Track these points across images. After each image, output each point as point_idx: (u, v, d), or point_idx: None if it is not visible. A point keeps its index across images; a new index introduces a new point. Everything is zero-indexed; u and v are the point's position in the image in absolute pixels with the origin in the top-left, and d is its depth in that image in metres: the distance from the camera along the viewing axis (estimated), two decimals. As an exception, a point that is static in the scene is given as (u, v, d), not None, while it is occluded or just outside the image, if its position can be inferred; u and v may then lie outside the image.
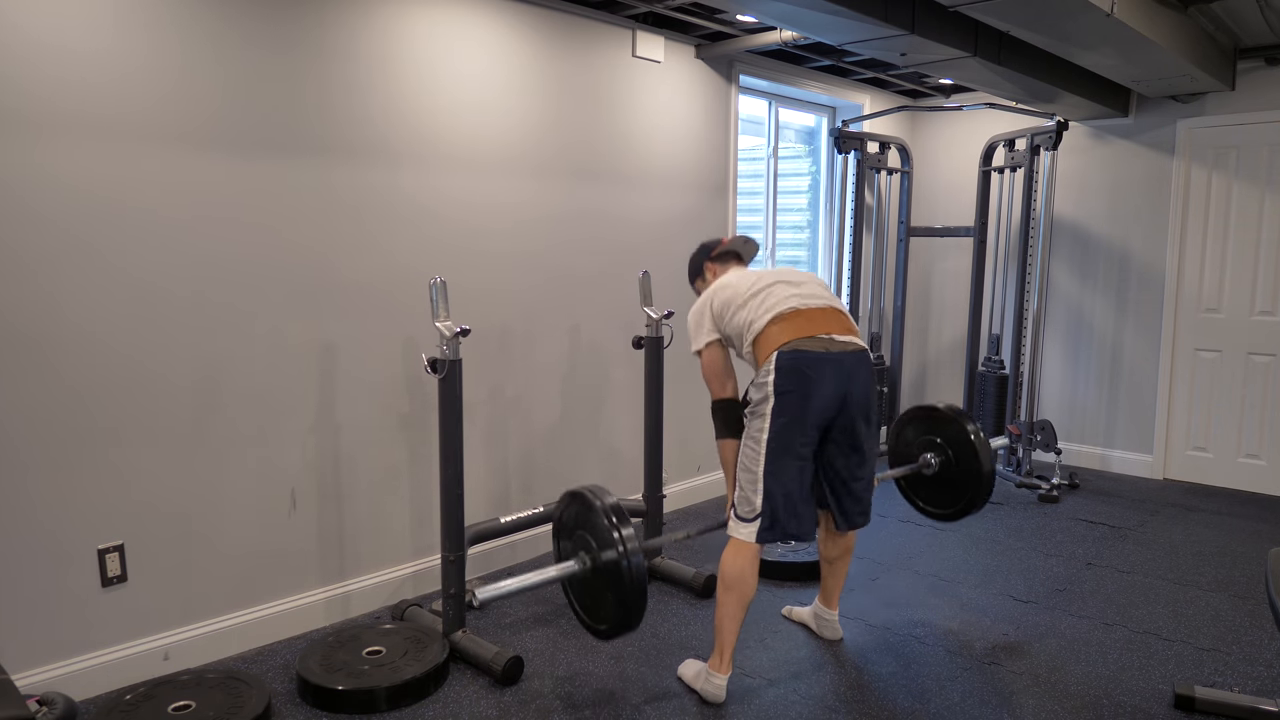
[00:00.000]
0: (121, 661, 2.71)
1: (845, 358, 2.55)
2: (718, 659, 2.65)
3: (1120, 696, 2.71)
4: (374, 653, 2.80)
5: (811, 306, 2.60)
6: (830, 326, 2.58)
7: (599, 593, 2.45)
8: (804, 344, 2.52)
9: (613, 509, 2.40)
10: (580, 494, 2.48)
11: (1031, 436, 5.01)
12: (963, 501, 3.28)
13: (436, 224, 3.39)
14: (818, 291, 2.69)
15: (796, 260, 5.64)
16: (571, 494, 2.52)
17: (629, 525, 2.38)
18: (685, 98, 4.39)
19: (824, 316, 2.59)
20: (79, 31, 2.48)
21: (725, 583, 2.61)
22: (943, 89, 5.74)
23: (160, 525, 2.78)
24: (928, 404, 3.37)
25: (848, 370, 2.55)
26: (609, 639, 2.56)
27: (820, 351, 2.52)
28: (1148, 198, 5.16)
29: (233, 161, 2.83)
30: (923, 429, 3.37)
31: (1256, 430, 4.92)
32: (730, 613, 2.61)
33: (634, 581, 2.33)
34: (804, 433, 2.53)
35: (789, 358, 2.50)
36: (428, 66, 3.30)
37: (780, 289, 2.65)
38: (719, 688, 2.65)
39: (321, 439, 3.14)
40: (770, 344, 2.55)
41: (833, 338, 2.56)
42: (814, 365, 2.50)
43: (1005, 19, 3.34)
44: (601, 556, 2.39)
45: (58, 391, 2.54)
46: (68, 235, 2.52)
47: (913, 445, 3.39)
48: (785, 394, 2.50)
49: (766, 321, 2.58)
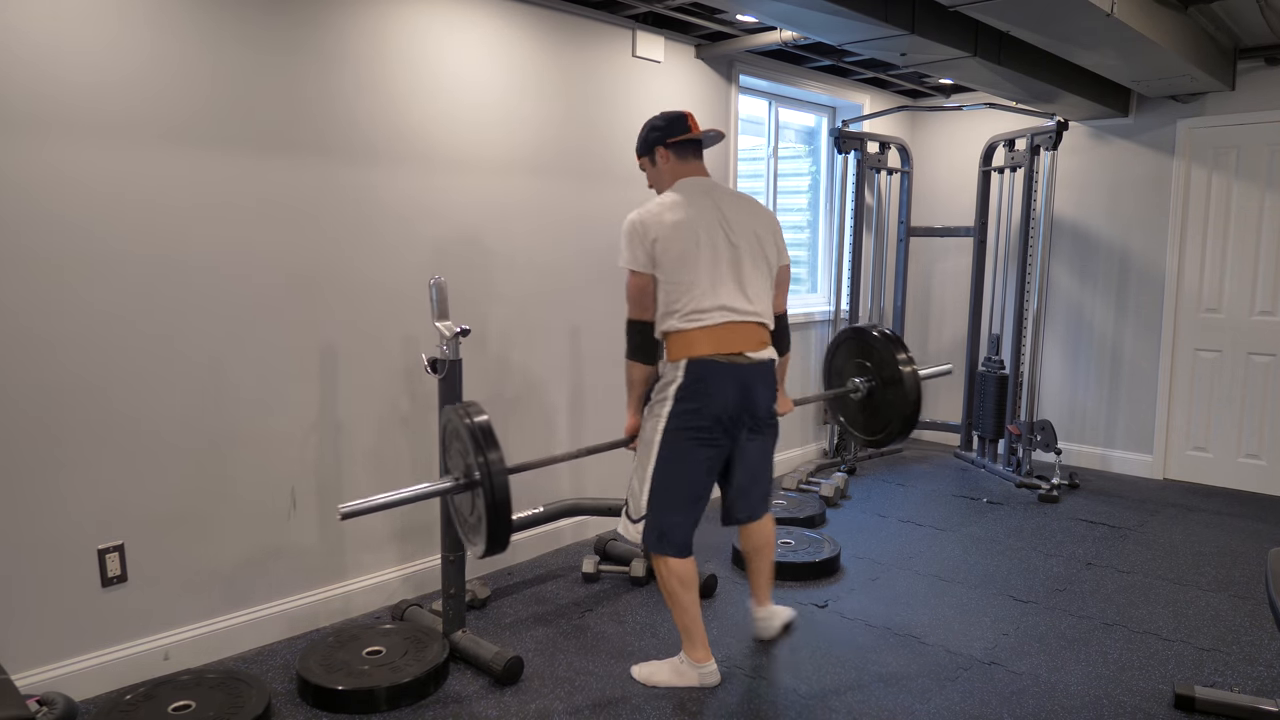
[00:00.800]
0: (121, 661, 2.71)
1: (750, 369, 2.60)
2: (700, 650, 2.70)
3: (1120, 696, 2.71)
4: (374, 653, 2.80)
5: (740, 322, 2.58)
6: (749, 344, 2.60)
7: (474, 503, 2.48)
8: (718, 357, 2.55)
9: (480, 429, 2.38)
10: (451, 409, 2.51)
11: (1031, 436, 5.01)
12: (888, 428, 3.32)
13: (437, 224, 3.39)
14: (755, 288, 2.63)
15: (796, 261, 5.64)
16: (453, 408, 2.52)
17: (496, 449, 2.36)
18: (685, 98, 4.39)
19: (743, 333, 2.60)
20: (84, 35, 2.48)
21: (683, 581, 2.66)
22: (943, 89, 5.74)
23: (160, 525, 2.78)
24: (859, 326, 3.38)
25: (751, 382, 2.61)
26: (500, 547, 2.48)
27: (728, 364, 2.56)
28: (1148, 198, 5.16)
29: (233, 161, 2.83)
30: (854, 352, 3.39)
31: (1256, 430, 4.92)
32: (690, 604, 2.67)
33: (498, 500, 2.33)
34: (696, 440, 2.58)
35: (699, 367, 2.54)
36: (428, 67, 3.30)
37: (720, 293, 2.56)
38: (713, 671, 2.71)
39: (322, 439, 3.15)
40: (686, 349, 2.56)
41: (745, 354, 2.59)
42: (720, 377, 2.56)
43: (1005, 19, 3.34)
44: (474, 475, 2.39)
45: (58, 390, 2.54)
46: (70, 234, 2.52)
47: (844, 369, 3.43)
48: (685, 402, 2.55)
49: (694, 327, 2.55)
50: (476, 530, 2.48)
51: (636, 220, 2.57)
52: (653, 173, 2.74)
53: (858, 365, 3.36)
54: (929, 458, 5.74)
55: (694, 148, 2.71)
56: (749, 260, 2.62)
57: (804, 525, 4.22)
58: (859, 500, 4.78)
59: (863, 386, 3.32)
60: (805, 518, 4.26)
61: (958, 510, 4.61)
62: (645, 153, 2.74)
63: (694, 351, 2.54)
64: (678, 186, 2.65)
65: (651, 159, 2.72)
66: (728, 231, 2.59)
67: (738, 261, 2.59)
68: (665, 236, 2.53)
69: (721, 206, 2.62)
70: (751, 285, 2.62)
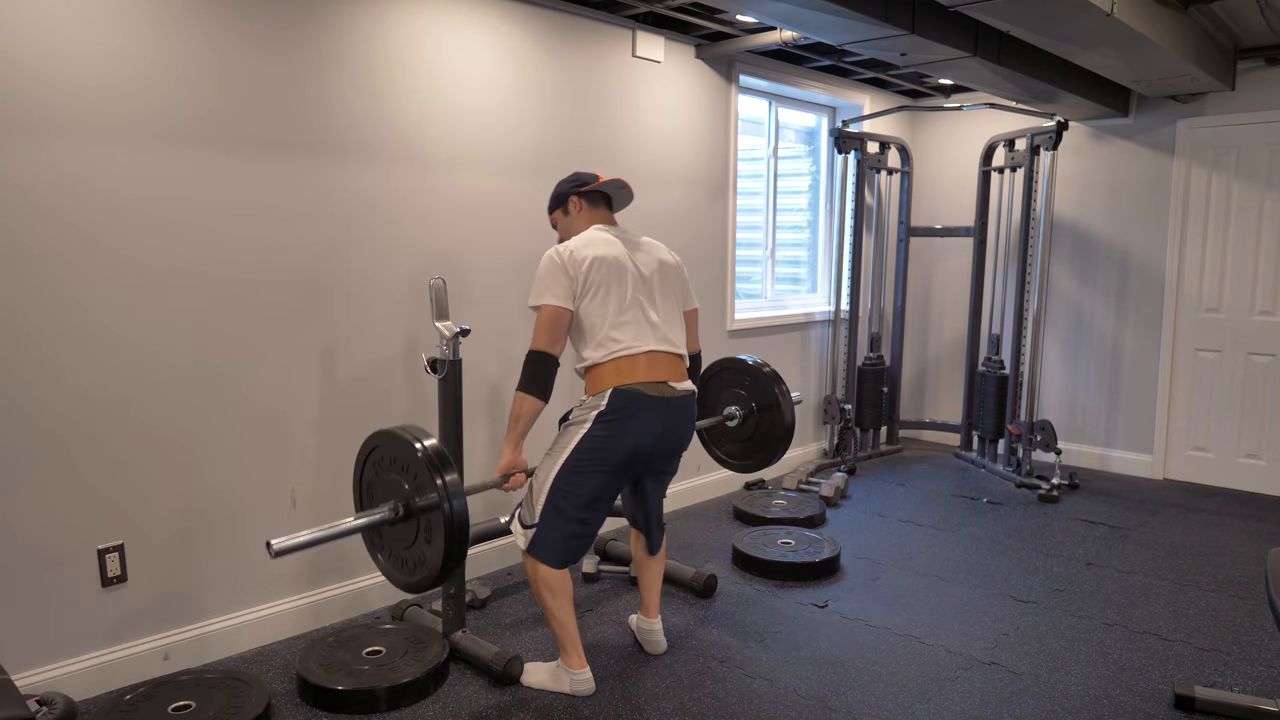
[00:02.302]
0: (121, 661, 2.71)
1: (672, 403, 2.63)
2: (574, 657, 2.69)
3: (1120, 696, 2.71)
4: (374, 653, 2.80)
5: (660, 352, 2.63)
6: (670, 374, 2.65)
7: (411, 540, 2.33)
8: (644, 387, 2.58)
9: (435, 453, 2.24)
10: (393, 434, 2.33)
11: (1031, 436, 5.01)
12: (760, 455, 3.37)
13: (437, 224, 3.39)
14: (671, 327, 2.69)
15: (796, 261, 5.65)
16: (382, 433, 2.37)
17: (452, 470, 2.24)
18: (685, 98, 4.39)
19: (667, 364, 2.64)
20: (88, 38, 2.48)
21: (550, 589, 2.64)
22: (943, 89, 5.74)
23: (160, 525, 2.78)
24: (735, 357, 3.41)
25: (673, 414, 2.64)
26: (418, 590, 2.37)
27: (654, 396, 2.59)
28: (1148, 198, 5.16)
29: (234, 162, 2.83)
30: (729, 381, 3.42)
31: (1256, 430, 4.92)
32: (565, 613, 2.67)
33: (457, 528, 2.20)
34: (605, 467, 2.57)
35: (624, 396, 2.55)
36: (427, 67, 3.30)
37: (642, 330, 2.61)
38: (588, 679, 2.70)
39: (322, 438, 3.15)
40: (610, 378, 2.57)
41: (669, 384, 2.63)
42: (644, 407, 2.57)
43: (1005, 19, 3.34)
44: (418, 501, 2.26)
45: (58, 390, 2.54)
46: (69, 235, 2.52)
47: (718, 399, 3.46)
48: (603, 427, 2.55)
49: (616, 357, 2.57)
50: (417, 564, 2.34)
51: (556, 254, 2.60)
52: (564, 223, 2.81)
53: (733, 394, 3.41)
54: (929, 458, 5.74)
55: (603, 199, 2.80)
56: (661, 297, 2.69)
57: (804, 525, 4.22)
58: (859, 500, 4.78)
59: (738, 413, 3.38)
60: (805, 518, 4.26)
61: (958, 510, 4.61)
62: (558, 205, 2.81)
63: (620, 380, 2.56)
64: (590, 231, 2.70)
65: (565, 209, 2.80)
66: (640, 269, 2.66)
67: (652, 298, 2.67)
68: (587, 269, 2.57)
69: (630, 250, 2.69)
70: (667, 320, 2.69)
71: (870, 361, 5.57)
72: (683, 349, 2.74)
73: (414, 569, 2.34)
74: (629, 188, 2.81)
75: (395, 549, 2.41)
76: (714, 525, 4.33)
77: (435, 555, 2.25)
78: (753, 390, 3.33)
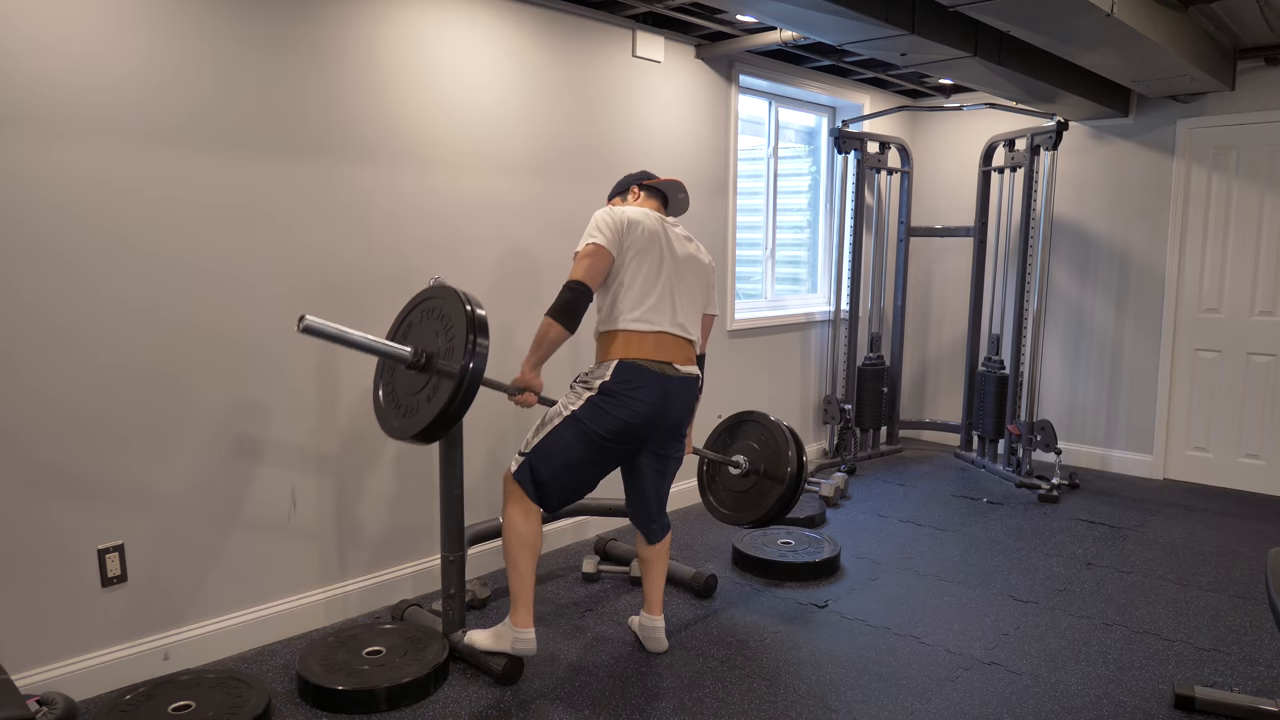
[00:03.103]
0: (121, 661, 2.71)
1: (674, 380, 2.74)
2: (523, 614, 2.71)
3: (1120, 696, 2.71)
4: (374, 653, 2.80)
5: (671, 335, 2.75)
6: (676, 357, 2.76)
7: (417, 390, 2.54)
8: (649, 363, 2.70)
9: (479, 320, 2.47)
10: (456, 294, 2.55)
11: (1031, 436, 5.01)
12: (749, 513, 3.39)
13: (436, 224, 3.39)
14: (689, 315, 2.82)
15: (796, 261, 5.65)
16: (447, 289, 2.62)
17: (486, 339, 2.47)
18: (685, 98, 4.39)
19: (676, 347, 2.77)
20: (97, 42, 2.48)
21: (519, 538, 2.70)
22: (943, 89, 5.74)
23: (160, 525, 2.78)
24: (770, 418, 3.42)
25: (672, 393, 2.75)
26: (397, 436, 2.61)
27: (656, 371, 2.70)
28: (1148, 198, 5.16)
29: (235, 162, 2.83)
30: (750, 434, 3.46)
31: (1256, 430, 4.92)
32: (527, 568, 2.72)
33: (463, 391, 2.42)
34: (596, 437, 2.67)
35: (628, 370, 2.68)
36: (427, 67, 3.30)
37: (663, 307, 2.74)
38: (529, 639, 2.71)
39: (322, 439, 3.15)
40: (619, 349, 2.70)
41: (674, 365, 2.75)
42: (646, 381, 2.69)
43: (1005, 19, 3.34)
44: (440, 362, 2.47)
45: (58, 390, 2.54)
46: (71, 234, 2.52)
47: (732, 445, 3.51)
48: (605, 398, 2.66)
49: (632, 330, 2.70)
50: (409, 412, 2.53)
51: (610, 211, 2.75)
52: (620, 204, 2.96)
53: (746, 446, 3.45)
54: (929, 458, 5.74)
55: (659, 195, 3.01)
56: (688, 291, 2.83)
57: (804, 525, 4.22)
58: (859, 500, 4.78)
59: (745, 465, 3.41)
60: (805, 518, 4.26)
61: (958, 510, 4.61)
62: (619, 193, 3.03)
63: (627, 354, 2.68)
64: (640, 208, 2.85)
65: (624, 197, 3.01)
66: (675, 254, 2.81)
67: (681, 287, 2.81)
68: (628, 227, 2.73)
69: (670, 236, 2.83)
70: (687, 311, 2.82)
71: (870, 361, 5.58)
72: (695, 337, 2.85)
73: (404, 415, 2.54)
74: (686, 193, 3.03)
75: (399, 390, 2.59)
76: (714, 525, 4.33)
77: (430, 411, 2.44)
78: (767, 454, 3.36)
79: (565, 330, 2.63)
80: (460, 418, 2.48)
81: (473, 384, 2.44)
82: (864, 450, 5.64)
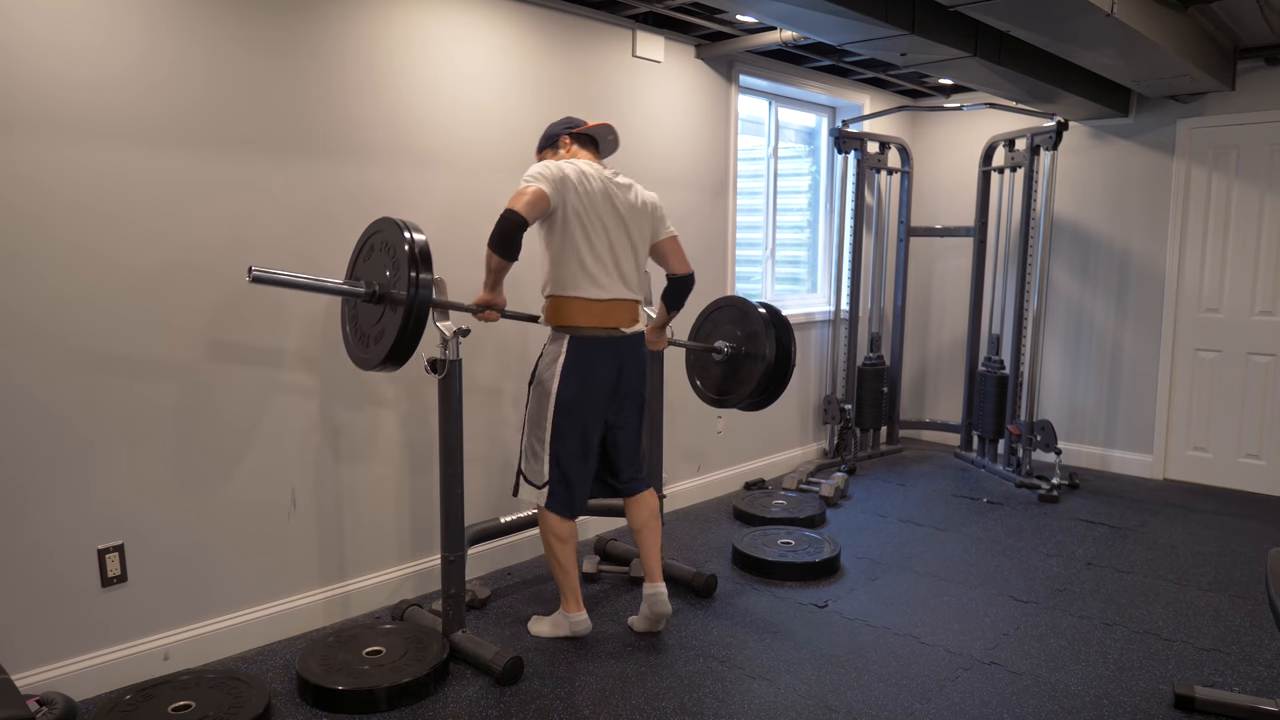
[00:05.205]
0: (121, 661, 2.71)
1: (624, 341, 2.91)
2: (572, 602, 3.01)
3: (1120, 696, 2.71)
4: (374, 653, 2.80)
5: (619, 299, 2.88)
6: (624, 320, 2.91)
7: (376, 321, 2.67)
8: (598, 331, 2.86)
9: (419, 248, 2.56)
10: (394, 224, 2.63)
11: (1031, 436, 5.01)
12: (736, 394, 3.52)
13: (436, 224, 3.39)
14: (634, 272, 2.93)
15: (796, 261, 5.65)
16: (387, 220, 2.68)
17: (427, 270, 2.56)
18: (685, 98, 4.39)
19: (623, 310, 2.91)
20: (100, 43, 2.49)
21: (559, 538, 2.94)
22: (943, 89, 5.74)
23: (160, 525, 2.78)
24: (743, 299, 3.58)
25: (624, 351, 2.92)
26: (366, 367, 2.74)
27: (606, 339, 2.87)
28: (1148, 198, 5.16)
29: (236, 162, 2.83)
30: (728, 319, 3.59)
31: (1256, 430, 4.92)
32: (570, 561, 2.98)
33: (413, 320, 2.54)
34: (581, 411, 2.87)
35: (580, 344, 2.85)
36: (427, 67, 3.30)
37: (610, 271, 2.85)
38: (584, 621, 3.02)
39: (322, 439, 3.15)
40: (565, 317, 2.85)
41: (620, 329, 2.90)
42: (599, 350, 2.86)
43: (1005, 19, 3.34)
44: (392, 291, 2.58)
45: (58, 390, 2.54)
46: (69, 233, 2.52)
47: (713, 334, 3.63)
48: (570, 375, 2.84)
49: (578, 295, 2.83)
50: (373, 341, 2.67)
51: (547, 165, 2.78)
52: (553, 159, 2.95)
53: (729, 331, 3.60)
54: (929, 458, 5.74)
55: (591, 143, 3.02)
56: (632, 245, 2.92)
57: (804, 525, 4.22)
58: (859, 500, 4.78)
59: (726, 350, 3.55)
60: (805, 518, 4.26)
61: (958, 510, 4.61)
62: (549, 145, 3.01)
63: (576, 322, 2.83)
64: (577, 160, 2.88)
65: (555, 148, 3.00)
66: (618, 209, 2.87)
67: (624, 241, 2.89)
68: (577, 196, 2.78)
69: (610, 188, 2.87)
70: (630, 270, 2.92)
71: (870, 361, 5.58)
72: (639, 295, 2.99)
73: (368, 345, 2.69)
74: (616, 134, 3.05)
75: (362, 323, 2.74)
76: (714, 525, 4.33)
77: (388, 340, 2.57)
78: (747, 336, 3.49)
79: (505, 260, 2.73)
80: (418, 337, 2.59)
81: (421, 308, 2.55)
82: (864, 450, 5.64)
